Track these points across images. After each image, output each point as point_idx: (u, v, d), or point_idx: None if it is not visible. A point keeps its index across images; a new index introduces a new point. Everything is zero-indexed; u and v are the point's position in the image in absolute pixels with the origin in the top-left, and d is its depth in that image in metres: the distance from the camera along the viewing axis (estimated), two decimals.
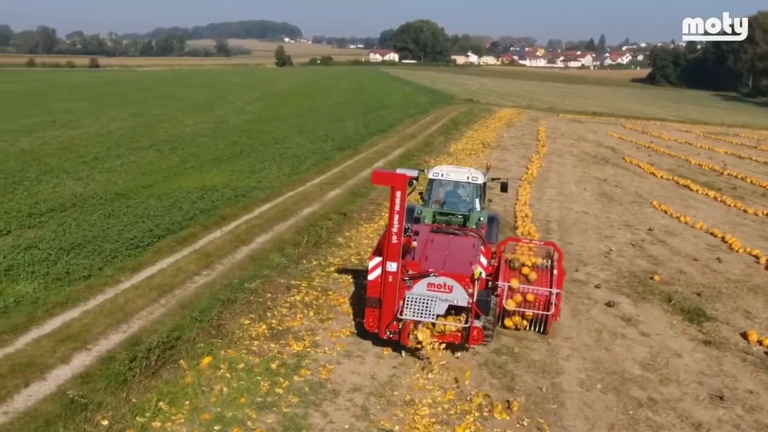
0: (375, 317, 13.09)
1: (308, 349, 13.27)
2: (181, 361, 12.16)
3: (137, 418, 10.26)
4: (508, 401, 11.73)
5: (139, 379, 11.38)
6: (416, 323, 12.94)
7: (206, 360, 12.26)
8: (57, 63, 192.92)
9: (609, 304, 16.87)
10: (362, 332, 13.79)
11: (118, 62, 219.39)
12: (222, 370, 12.01)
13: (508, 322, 14.76)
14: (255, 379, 11.84)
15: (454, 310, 13.26)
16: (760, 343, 15.06)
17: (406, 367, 12.86)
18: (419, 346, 12.91)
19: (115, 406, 10.57)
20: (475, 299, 12.85)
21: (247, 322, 14.26)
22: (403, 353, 13.26)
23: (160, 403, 10.70)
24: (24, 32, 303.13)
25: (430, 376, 12.51)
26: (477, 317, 12.96)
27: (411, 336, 12.88)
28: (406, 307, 12.85)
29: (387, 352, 13.40)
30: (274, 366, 12.35)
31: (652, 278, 19.21)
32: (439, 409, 11.44)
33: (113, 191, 25.43)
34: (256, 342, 13.37)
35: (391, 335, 13.00)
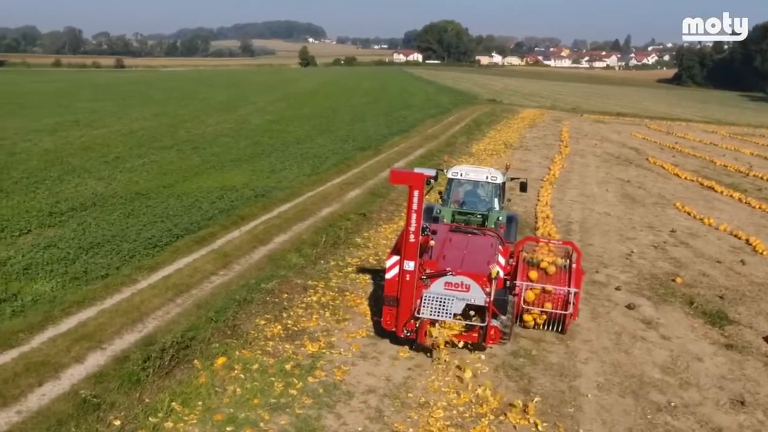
0: (392, 316, 13.09)
1: (323, 350, 13.21)
2: (195, 361, 12.16)
3: (150, 419, 10.25)
4: (524, 404, 11.59)
5: (153, 379, 11.38)
6: (433, 322, 12.95)
7: (220, 360, 12.24)
8: (83, 63, 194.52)
9: (629, 307, 16.64)
10: (380, 331, 13.79)
11: (144, 62, 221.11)
12: (236, 371, 11.98)
13: (527, 317, 14.61)
14: (269, 380, 11.79)
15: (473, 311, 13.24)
16: None
17: (421, 369, 12.76)
18: (438, 345, 13.00)
19: (128, 406, 10.58)
20: (492, 298, 12.82)
21: (263, 322, 14.23)
22: (413, 352, 13.21)
23: (173, 403, 10.70)
24: (51, 33, 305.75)
25: (446, 378, 12.42)
26: (494, 316, 12.91)
27: (427, 335, 12.92)
28: (424, 306, 12.84)
29: (403, 353, 13.32)
30: (288, 367, 12.30)
31: (673, 280, 18.93)
32: (454, 411, 11.33)
33: (134, 191, 25.56)
34: (271, 343, 13.33)
35: (409, 334, 13.00)
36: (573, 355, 13.85)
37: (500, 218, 18.09)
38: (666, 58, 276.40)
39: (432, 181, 16.31)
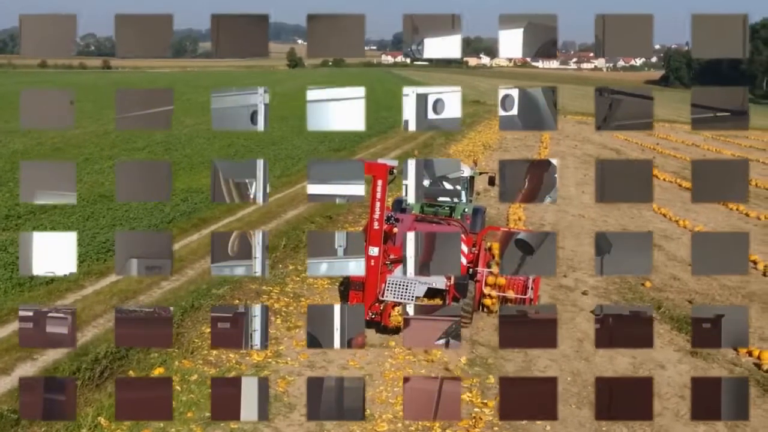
0: (359, 299, 13.62)
1: (269, 360, 12.75)
2: (130, 372, 11.61)
3: None
4: (474, 417, 11.10)
5: (80, 392, 10.78)
6: (396, 305, 13.58)
7: (157, 371, 11.71)
8: (69, 64, 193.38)
9: (595, 312, 16.17)
10: None
11: (131, 64, 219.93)
12: (173, 383, 11.40)
13: (486, 300, 15.34)
14: (206, 392, 11.16)
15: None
16: (749, 353, 14.26)
17: (370, 379, 12.25)
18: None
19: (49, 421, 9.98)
20: (452, 283, 13.50)
21: (209, 330, 13.66)
22: (363, 362, 12.72)
23: (99, 417, 10.13)
24: None
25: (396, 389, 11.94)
26: (455, 300, 13.56)
27: (392, 318, 13.63)
28: (387, 290, 13.57)
29: (353, 362, 12.89)
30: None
31: (643, 285, 18.51)
32: (399, 425, 10.81)
33: (98, 193, 24.93)
34: (214, 352, 12.81)
35: (374, 316, 13.74)
36: (531, 364, 13.43)
37: (466, 210, 18.58)
38: (654, 59, 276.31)
39: (394, 171, 16.27)
